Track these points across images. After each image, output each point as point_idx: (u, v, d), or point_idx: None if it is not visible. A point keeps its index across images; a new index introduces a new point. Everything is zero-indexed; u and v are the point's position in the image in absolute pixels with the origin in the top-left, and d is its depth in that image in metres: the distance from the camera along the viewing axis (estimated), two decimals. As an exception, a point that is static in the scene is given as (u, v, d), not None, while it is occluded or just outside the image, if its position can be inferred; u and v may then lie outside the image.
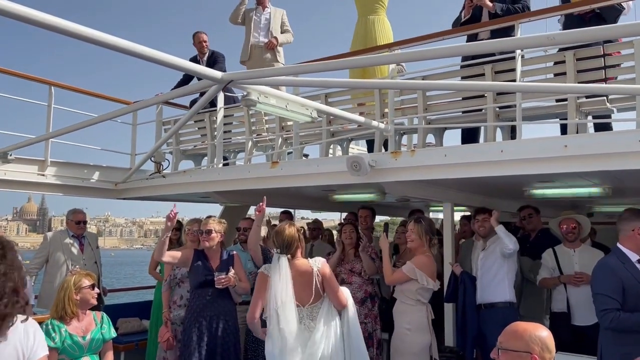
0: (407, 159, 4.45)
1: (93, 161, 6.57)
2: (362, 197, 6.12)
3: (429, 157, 4.38)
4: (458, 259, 5.07)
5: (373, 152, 5.18)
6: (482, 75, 4.58)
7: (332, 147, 6.40)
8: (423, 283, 4.21)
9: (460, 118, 5.04)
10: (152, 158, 6.19)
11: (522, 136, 4.17)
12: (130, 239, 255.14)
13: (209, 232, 4.39)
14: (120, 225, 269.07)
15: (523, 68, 4.33)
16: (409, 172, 4.47)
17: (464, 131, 5.18)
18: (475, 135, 5.12)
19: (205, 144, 6.44)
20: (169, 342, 4.69)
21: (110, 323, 3.65)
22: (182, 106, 7.21)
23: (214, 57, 7.04)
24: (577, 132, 4.08)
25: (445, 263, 4.92)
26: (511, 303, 4.56)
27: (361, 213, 6.08)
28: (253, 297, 3.57)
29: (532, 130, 15.05)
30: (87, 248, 5.68)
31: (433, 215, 8.98)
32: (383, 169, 4.52)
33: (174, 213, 4.13)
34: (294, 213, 7.94)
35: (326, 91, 5.38)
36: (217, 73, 3.46)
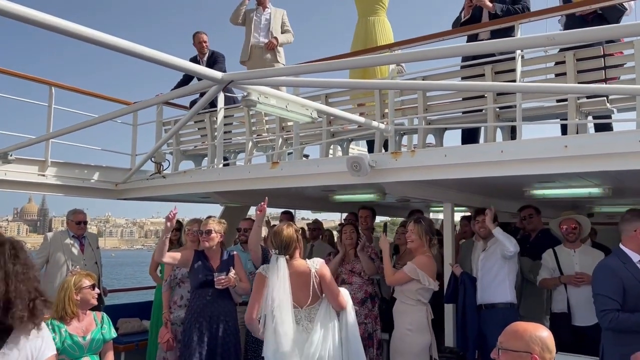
0: (407, 160, 4.45)
1: (93, 161, 6.58)
2: (362, 198, 6.12)
3: (429, 158, 4.38)
4: (458, 260, 5.06)
5: (373, 153, 5.18)
6: (482, 75, 4.58)
7: (332, 148, 6.40)
8: (425, 283, 4.21)
9: (460, 118, 5.05)
10: (153, 158, 6.20)
11: (522, 136, 4.17)
12: (130, 240, 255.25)
13: (209, 233, 4.40)
14: (120, 225, 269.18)
15: (523, 68, 4.33)
16: (409, 173, 4.47)
17: (464, 131, 5.18)
18: (475, 135, 5.12)
19: (205, 145, 6.44)
20: (169, 344, 4.69)
21: (110, 323, 3.65)
22: (182, 106, 7.21)
23: (214, 57, 7.05)
24: (577, 133, 4.08)
25: (445, 263, 4.91)
26: (512, 304, 4.55)
27: (361, 213, 6.08)
28: (251, 298, 3.56)
29: (532, 130, 15.07)
30: (88, 248, 5.68)
31: (433, 215, 8.98)
32: (383, 170, 4.52)
33: (173, 214, 4.13)
34: (294, 213, 7.93)
35: (326, 91, 5.38)
36: (217, 73, 3.45)
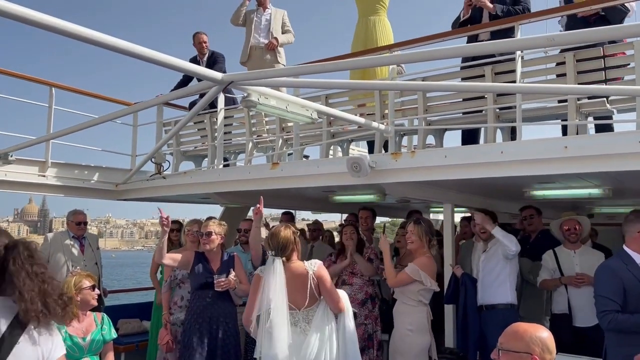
0: (408, 160, 4.45)
1: (94, 162, 6.58)
2: (363, 198, 6.12)
3: (429, 158, 4.37)
4: (458, 260, 5.06)
5: (373, 153, 5.18)
6: (483, 76, 4.58)
7: (333, 148, 6.40)
8: (427, 284, 4.20)
9: (460, 119, 5.04)
10: (153, 159, 6.20)
11: (522, 137, 4.17)
12: (131, 240, 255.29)
13: (209, 235, 4.38)
14: (121, 226, 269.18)
15: (523, 69, 4.33)
16: (409, 173, 4.47)
17: (464, 132, 5.18)
18: (475, 136, 5.12)
19: (205, 145, 6.44)
20: (169, 345, 4.68)
21: (110, 324, 3.65)
22: (182, 107, 7.21)
23: (214, 58, 7.05)
24: (577, 134, 4.08)
25: (445, 264, 4.91)
26: (512, 305, 4.54)
27: (362, 214, 6.07)
28: (249, 299, 3.56)
29: (532, 131, 15.06)
30: (88, 249, 5.68)
31: (433, 216, 8.97)
32: (383, 170, 4.52)
33: (165, 218, 4.15)
34: (295, 214, 7.93)
35: (326, 92, 5.38)
36: (218, 74, 3.45)
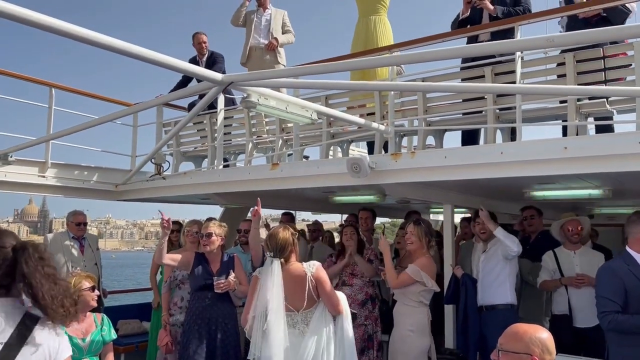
0: (407, 161, 4.45)
1: (93, 163, 6.57)
2: (362, 199, 6.12)
3: (429, 159, 4.37)
4: (458, 261, 5.05)
5: (373, 154, 5.18)
6: (482, 77, 4.58)
7: (332, 149, 6.40)
8: (428, 285, 4.20)
9: (460, 120, 5.04)
10: (153, 160, 6.20)
11: (522, 138, 4.16)
12: (131, 241, 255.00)
13: (209, 236, 4.37)
14: (121, 227, 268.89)
15: (523, 70, 4.33)
16: (409, 174, 4.46)
17: (464, 133, 5.18)
18: (475, 137, 5.12)
19: (205, 146, 6.44)
20: (168, 347, 4.68)
21: (110, 325, 3.65)
22: (182, 108, 7.21)
23: (213, 58, 7.04)
24: (577, 134, 4.08)
25: (445, 265, 4.91)
26: (512, 305, 4.54)
27: (362, 215, 6.07)
28: (247, 301, 3.56)
29: (532, 132, 15.10)
30: (88, 250, 5.68)
31: (433, 217, 8.97)
32: (383, 171, 4.52)
33: (166, 219, 4.16)
34: (295, 215, 7.93)
35: (326, 93, 5.38)
36: (217, 75, 3.45)
